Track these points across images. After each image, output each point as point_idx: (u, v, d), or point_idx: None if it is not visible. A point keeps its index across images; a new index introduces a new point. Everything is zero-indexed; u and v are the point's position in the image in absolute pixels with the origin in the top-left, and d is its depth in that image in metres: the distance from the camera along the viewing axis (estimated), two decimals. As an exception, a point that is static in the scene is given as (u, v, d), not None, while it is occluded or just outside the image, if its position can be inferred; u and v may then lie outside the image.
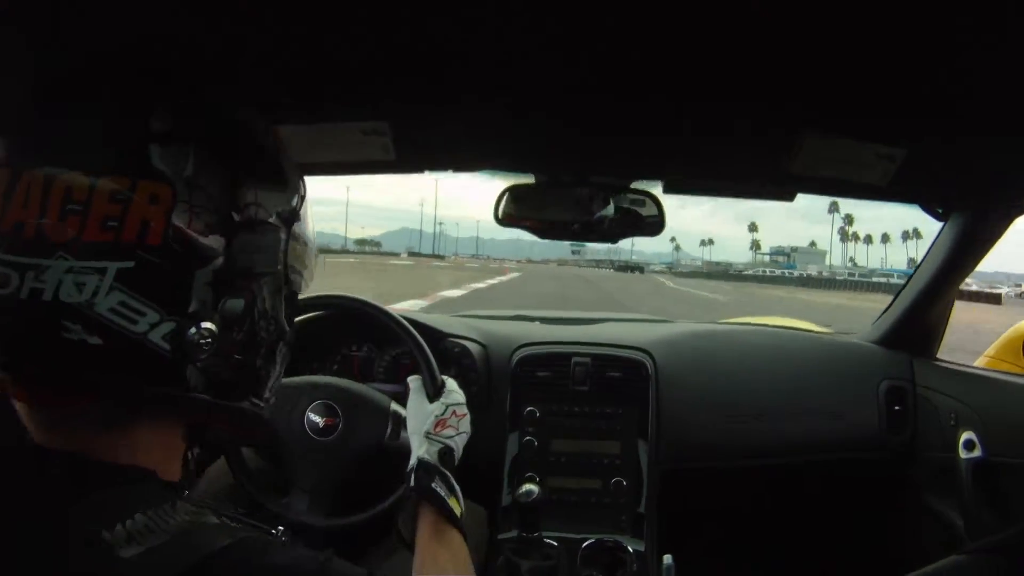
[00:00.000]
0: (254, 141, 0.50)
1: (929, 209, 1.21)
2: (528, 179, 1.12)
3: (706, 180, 1.14)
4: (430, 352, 1.17)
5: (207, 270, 0.45)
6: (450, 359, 1.39)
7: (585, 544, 1.25)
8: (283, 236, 0.51)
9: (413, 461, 0.85)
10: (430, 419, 0.90)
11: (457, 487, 0.83)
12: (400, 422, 1.13)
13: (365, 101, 0.91)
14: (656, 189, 1.10)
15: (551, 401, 1.40)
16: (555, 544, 1.25)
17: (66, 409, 0.45)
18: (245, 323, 0.48)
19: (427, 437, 0.87)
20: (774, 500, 1.63)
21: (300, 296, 0.59)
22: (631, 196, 1.09)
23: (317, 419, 1.10)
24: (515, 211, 1.11)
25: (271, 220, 0.50)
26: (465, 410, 0.94)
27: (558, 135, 1.01)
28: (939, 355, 1.51)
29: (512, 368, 1.42)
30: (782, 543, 1.66)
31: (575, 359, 1.42)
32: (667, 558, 1.16)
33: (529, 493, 1.12)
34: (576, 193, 1.10)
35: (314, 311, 1.31)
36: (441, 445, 0.87)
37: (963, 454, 1.25)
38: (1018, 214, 1.17)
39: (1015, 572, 0.67)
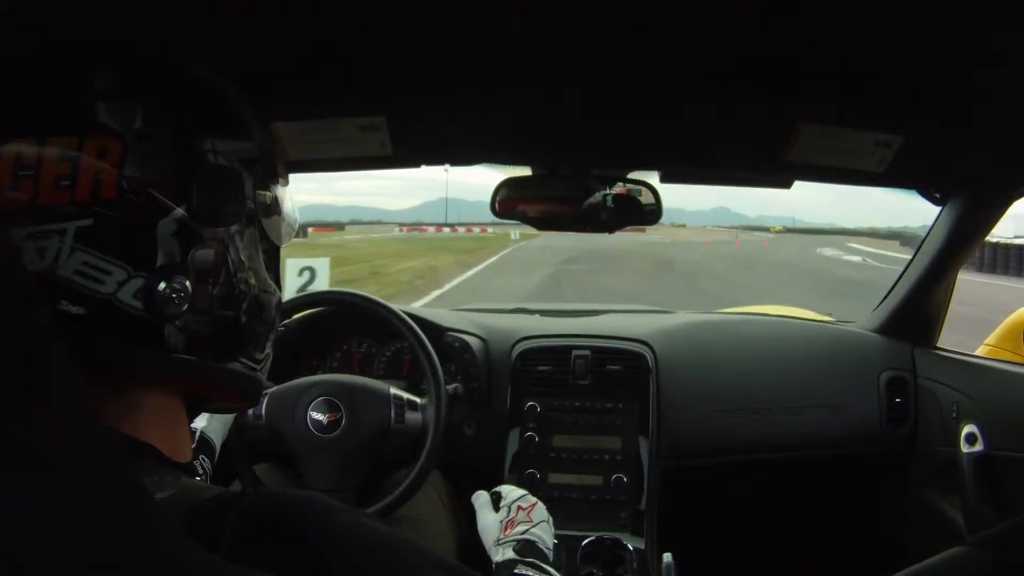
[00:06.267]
0: (208, 91, 0.49)
1: (927, 194, 1.21)
2: (525, 171, 1.12)
3: (704, 170, 1.14)
4: (431, 347, 1.18)
5: (169, 220, 0.44)
6: (450, 354, 1.39)
7: (585, 542, 1.25)
8: (248, 183, 0.49)
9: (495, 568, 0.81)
10: (495, 528, 0.86)
11: (552, 570, 0.79)
12: (403, 404, 1.13)
13: (362, 96, 0.92)
14: (653, 178, 1.11)
15: (552, 396, 1.40)
16: (555, 542, 1.25)
17: None
18: (220, 275, 0.47)
19: (498, 545, 0.83)
20: (774, 496, 1.63)
21: (301, 294, 0.58)
22: (629, 186, 1.09)
23: (320, 417, 1.11)
24: (512, 202, 1.11)
25: (233, 167, 0.48)
26: (531, 499, 0.90)
27: (555, 128, 1.01)
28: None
29: (512, 362, 1.42)
30: (782, 539, 1.66)
31: (575, 352, 1.42)
32: (667, 556, 1.16)
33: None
34: (573, 184, 1.10)
35: (314, 307, 1.31)
36: (514, 543, 0.82)
37: (964, 448, 1.24)
38: (1016, 197, 1.17)
39: (1013, 564, 0.67)
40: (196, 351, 0.46)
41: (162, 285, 0.43)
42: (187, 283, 0.44)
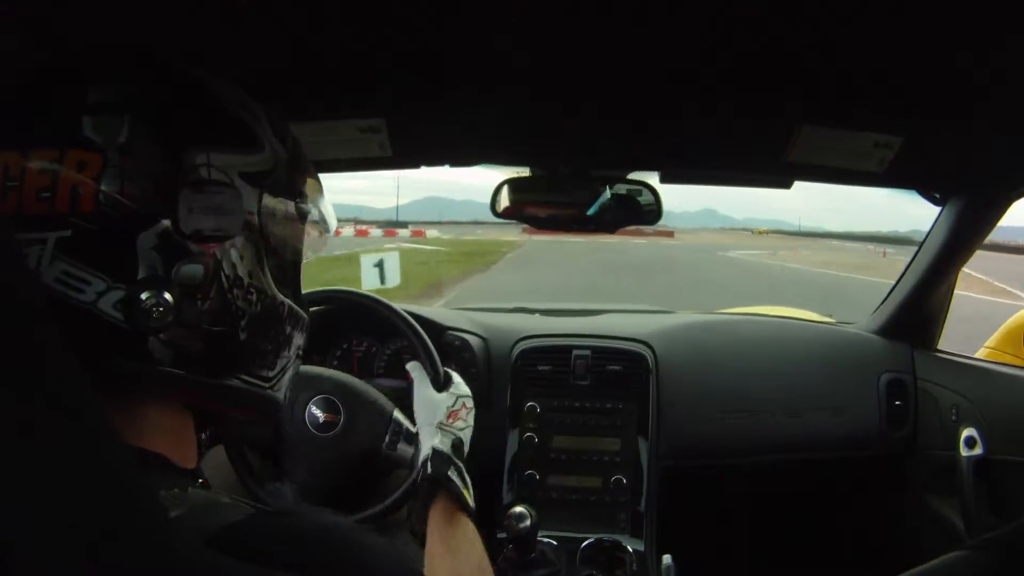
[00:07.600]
0: (210, 103, 0.49)
1: (926, 194, 1.21)
2: (525, 171, 1.12)
3: (704, 170, 1.14)
4: (432, 345, 1.17)
5: (150, 234, 0.44)
6: (451, 353, 1.39)
7: (584, 543, 1.25)
8: (249, 197, 0.48)
9: (427, 451, 0.82)
10: (442, 409, 0.87)
11: (469, 480, 0.81)
12: (400, 433, 1.10)
13: (361, 98, 0.92)
14: (653, 179, 1.11)
15: (552, 396, 1.40)
16: (554, 544, 1.25)
17: None
18: (211, 289, 0.46)
19: (440, 428, 0.85)
20: (774, 498, 1.63)
21: (304, 292, 0.57)
22: (628, 186, 1.09)
23: (318, 413, 1.09)
24: (512, 204, 1.11)
25: (228, 181, 0.47)
26: (472, 404, 0.93)
27: (555, 129, 1.01)
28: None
29: (513, 362, 1.42)
30: (782, 542, 1.65)
31: (575, 352, 1.42)
32: (666, 558, 1.16)
33: (521, 517, 1.07)
34: (576, 187, 1.10)
35: (315, 306, 1.30)
36: (454, 436, 0.85)
37: (964, 452, 1.24)
38: (1016, 198, 1.17)
39: (1013, 567, 0.67)
40: (186, 366, 0.46)
41: (143, 297, 0.43)
42: (168, 296, 0.44)
